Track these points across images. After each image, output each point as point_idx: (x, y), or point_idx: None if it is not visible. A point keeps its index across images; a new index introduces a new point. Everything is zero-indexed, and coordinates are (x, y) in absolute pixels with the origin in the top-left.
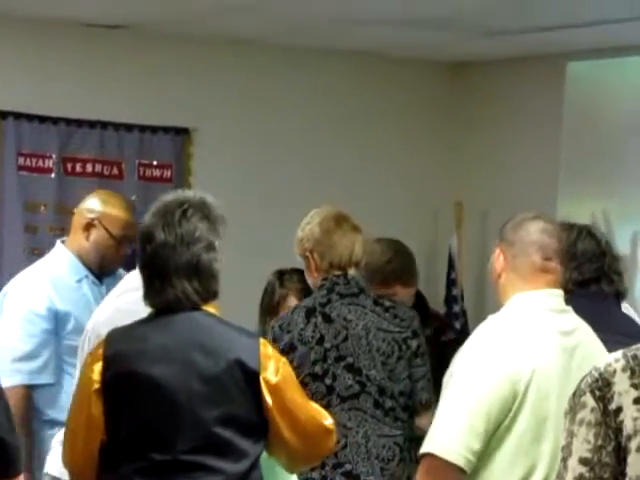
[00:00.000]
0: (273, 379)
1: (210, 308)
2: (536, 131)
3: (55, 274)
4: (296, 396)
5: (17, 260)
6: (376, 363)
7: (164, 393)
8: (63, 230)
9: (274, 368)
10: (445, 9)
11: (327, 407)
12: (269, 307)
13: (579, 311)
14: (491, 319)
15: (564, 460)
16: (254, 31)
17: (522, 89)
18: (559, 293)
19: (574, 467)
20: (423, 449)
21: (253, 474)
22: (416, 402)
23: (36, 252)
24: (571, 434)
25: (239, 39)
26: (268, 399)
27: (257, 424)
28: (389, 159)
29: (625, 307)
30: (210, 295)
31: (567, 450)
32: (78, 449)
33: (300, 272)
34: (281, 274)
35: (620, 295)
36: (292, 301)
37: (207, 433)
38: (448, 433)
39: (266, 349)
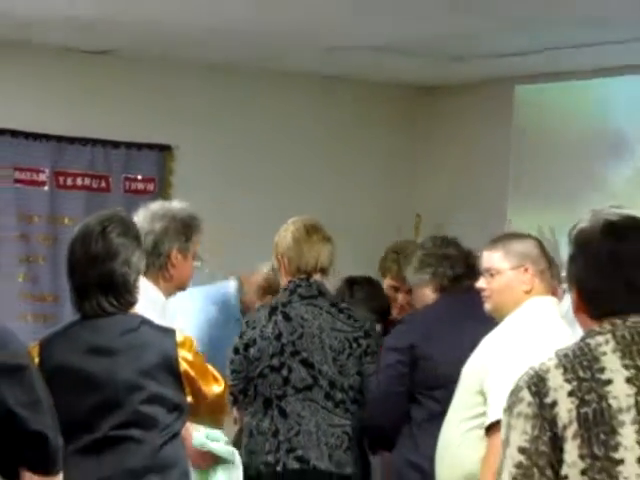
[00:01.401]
0: (189, 356)
1: (132, 311)
2: (488, 149)
3: None
4: (203, 371)
5: (11, 266)
6: (328, 359)
7: (93, 383)
8: (55, 239)
9: (188, 349)
10: (410, 38)
11: (283, 396)
12: None
13: (455, 301)
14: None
15: (504, 450)
16: (229, 56)
17: (476, 110)
18: None
19: (513, 456)
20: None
21: (174, 441)
22: (366, 396)
23: (30, 260)
24: (510, 427)
25: (216, 64)
26: (184, 367)
27: (180, 402)
28: (357, 175)
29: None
30: (125, 306)
31: (507, 442)
32: None
33: (370, 282)
34: (351, 283)
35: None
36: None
37: (133, 412)
38: None
39: (181, 340)
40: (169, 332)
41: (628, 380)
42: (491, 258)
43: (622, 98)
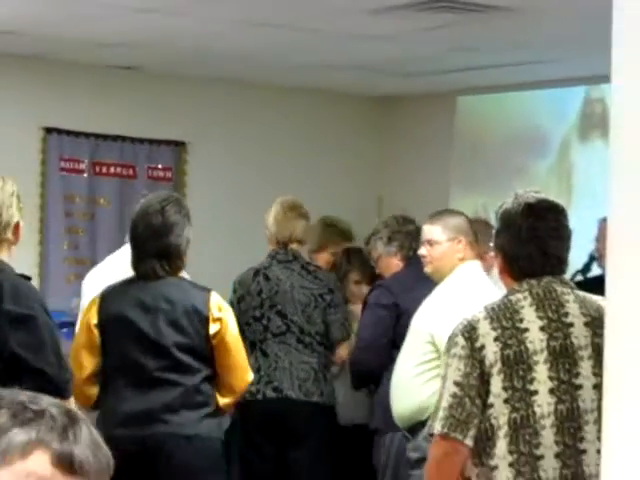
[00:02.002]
0: (220, 315)
1: (180, 274)
2: (436, 148)
3: None
4: (235, 339)
5: (59, 237)
6: (297, 311)
7: (139, 330)
8: (92, 216)
9: (222, 309)
10: (370, 57)
11: (264, 340)
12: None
13: (418, 268)
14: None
15: (443, 384)
16: (233, 72)
17: (425, 116)
18: None
19: (449, 388)
20: None
21: (203, 385)
22: (332, 339)
23: (73, 231)
24: (447, 365)
25: (223, 78)
26: (213, 328)
27: (206, 351)
28: (330, 170)
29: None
30: (175, 270)
31: (445, 377)
32: (79, 369)
33: (362, 252)
34: (348, 252)
35: None
36: (355, 276)
37: (169, 357)
38: None
39: (216, 298)
40: (204, 291)
41: (541, 328)
42: (431, 231)
43: (542, 105)
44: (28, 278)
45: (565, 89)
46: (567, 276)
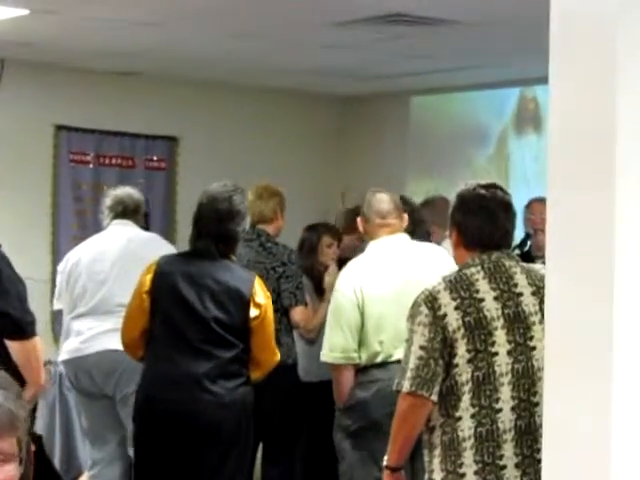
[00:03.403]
0: (261, 301)
1: (231, 257)
2: (393, 142)
3: None
4: (270, 323)
5: (69, 218)
6: None
7: (185, 302)
8: (98, 200)
9: (263, 296)
10: (333, 63)
11: None
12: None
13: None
14: None
15: (409, 348)
16: (218, 75)
17: (383, 114)
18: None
19: (415, 351)
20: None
21: (238, 358)
22: (284, 306)
23: (81, 213)
24: (412, 332)
25: (209, 81)
26: (253, 312)
27: (243, 330)
28: (298, 163)
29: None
30: (227, 253)
31: (410, 342)
32: (131, 329)
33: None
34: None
35: (429, 234)
36: (327, 240)
37: (210, 331)
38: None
39: (259, 284)
40: (250, 277)
41: (495, 298)
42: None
43: (483, 104)
44: None
45: (502, 90)
46: None
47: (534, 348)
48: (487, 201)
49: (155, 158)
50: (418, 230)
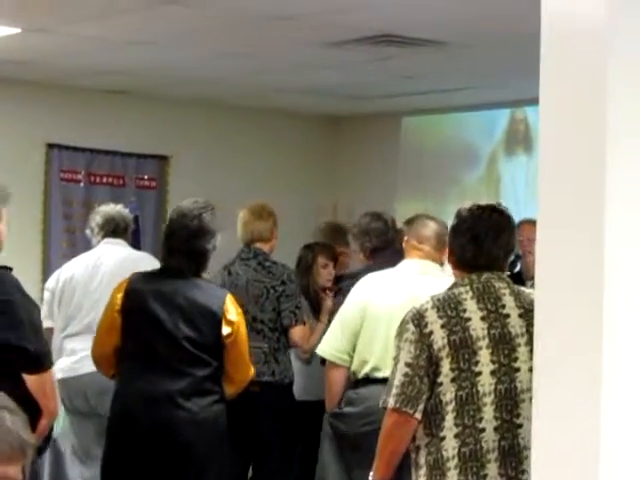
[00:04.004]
0: (233, 318)
1: (202, 275)
2: (384, 162)
3: None
4: (243, 340)
5: (59, 235)
6: (251, 301)
7: (157, 320)
8: (87, 218)
9: (235, 313)
10: (324, 83)
11: None
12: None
13: (382, 264)
14: None
15: (395, 365)
16: (209, 95)
17: (374, 134)
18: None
19: (401, 368)
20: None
21: (212, 376)
22: (284, 325)
23: (71, 231)
24: (399, 348)
25: (200, 100)
26: (225, 330)
27: (216, 348)
28: (292, 179)
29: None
30: (198, 271)
31: (397, 359)
32: (102, 346)
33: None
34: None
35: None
36: (322, 261)
37: (183, 350)
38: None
39: (230, 301)
40: (221, 294)
41: (482, 318)
42: None
43: (474, 125)
44: (9, 269)
45: (493, 111)
46: None
47: (518, 370)
48: (475, 224)
49: (146, 177)
50: (391, 248)
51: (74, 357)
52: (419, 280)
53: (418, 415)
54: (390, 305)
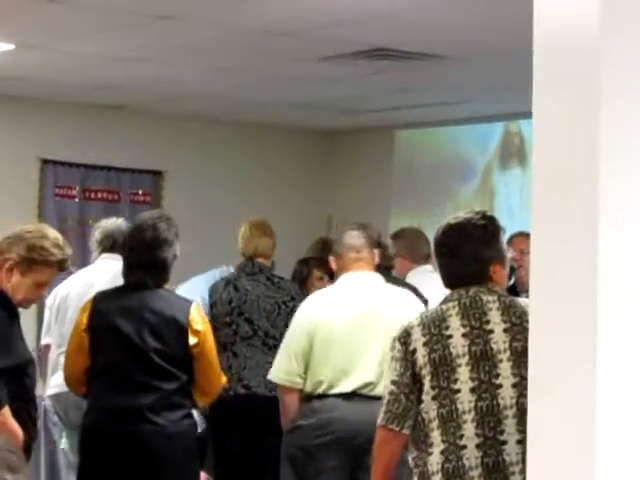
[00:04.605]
0: (199, 328)
1: (165, 286)
2: (377, 176)
3: None
4: (211, 349)
5: None
6: (262, 317)
7: (123, 336)
8: (83, 234)
9: (201, 323)
10: (319, 97)
11: (234, 343)
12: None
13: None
14: None
15: (386, 382)
16: (203, 109)
17: (368, 147)
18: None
19: (387, 386)
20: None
21: (181, 389)
22: None
23: None
24: (388, 366)
25: (195, 115)
26: (192, 340)
27: (184, 360)
28: (286, 193)
29: (432, 275)
30: (161, 282)
31: (386, 376)
32: (73, 366)
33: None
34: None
35: (388, 268)
36: (317, 274)
37: (150, 363)
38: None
39: (196, 311)
40: (186, 304)
41: (464, 335)
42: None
43: (468, 138)
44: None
45: (487, 124)
46: None
47: (500, 386)
48: (442, 244)
49: (140, 192)
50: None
51: None
52: (368, 295)
53: (406, 431)
54: (341, 325)
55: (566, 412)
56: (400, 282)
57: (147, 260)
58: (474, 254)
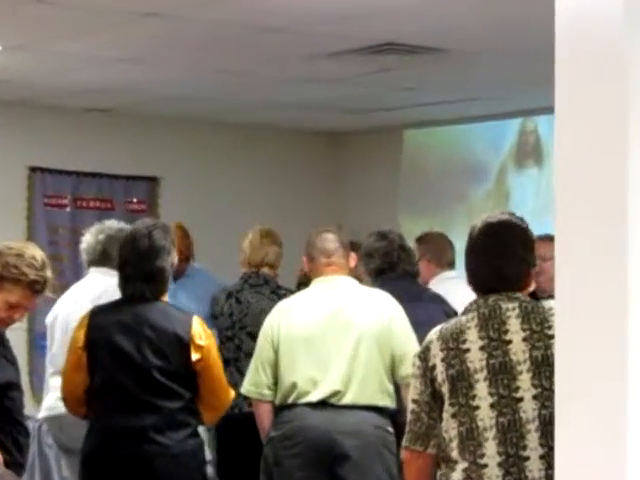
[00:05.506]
0: (202, 343)
1: (164, 298)
2: (386, 178)
3: None
4: (215, 363)
5: None
6: None
7: (123, 353)
8: (75, 245)
9: (204, 337)
10: (322, 97)
11: (238, 359)
12: None
13: (386, 288)
14: None
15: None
16: (199, 112)
17: (374, 149)
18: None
19: (409, 405)
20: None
21: (185, 408)
22: None
23: (57, 259)
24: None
25: (191, 118)
26: (195, 356)
27: (187, 376)
28: (291, 199)
29: (458, 280)
30: (160, 293)
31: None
32: (71, 387)
33: None
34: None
35: (414, 274)
36: None
37: (152, 381)
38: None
39: (198, 325)
40: (187, 318)
41: (481, 348)
42: None
43: (481, 137)
44: None
45: (502, 122)
46: None
47: (521, 399)
48: (486, 244)
49: (135, 200)
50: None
51: (57, 393)
52: (334, 297)
53: (431, 450)
54: (308, 332)
55: (595, 428)
56: (427, 292)
57: (144, 271)
58: (523, 256)
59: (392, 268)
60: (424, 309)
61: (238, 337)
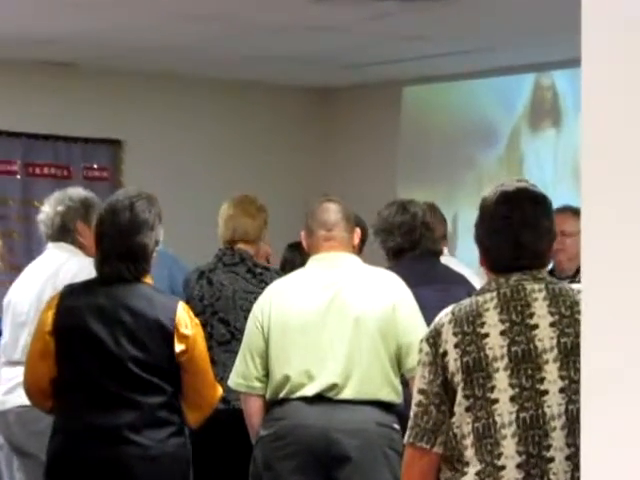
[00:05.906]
0: (187, 332)
1: (147, 279)
2: (383, 141)
3: None
4: (202, 355)
5: None
6: (240, 317)
7: (96, 341)
8: (27, 219)
9: (190, 325)
10: (311, 48)
11: (210, 348)
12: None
13: (408, 269)
14: None
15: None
16: (169, 67)
17: (370, 108)
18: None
19: (415, 396)
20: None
21: (167, 404)
22: None
23: (7, 235)
24: (416, 374)
25: (157, 73)
26: (179, 347)
27: (170, 370)
28: (273, 164)
29: (447, 259)
30: (141, 273)
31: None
32: (36, 377)
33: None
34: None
35: (437, 253)
36: None
37: (129, 375)
38: None
39: (183, 311)
40: (172, 303)
41: (502, 333)
42: None
43: (491, 95)
44: None
45: (514, 77)
46: None
47: (545, 392)
48: (510, 216)
49: (96, 166)
50: (419, 247)
51: (2, 388)
52: (333, 277)
53: (437, 449)
54: (302, 313)
55: (626, 422)
56: (450, 272)
57: (122, 248)
58: (549, 227)
59: (413, 247)
60: (449, 293)
61: (210, 324)
